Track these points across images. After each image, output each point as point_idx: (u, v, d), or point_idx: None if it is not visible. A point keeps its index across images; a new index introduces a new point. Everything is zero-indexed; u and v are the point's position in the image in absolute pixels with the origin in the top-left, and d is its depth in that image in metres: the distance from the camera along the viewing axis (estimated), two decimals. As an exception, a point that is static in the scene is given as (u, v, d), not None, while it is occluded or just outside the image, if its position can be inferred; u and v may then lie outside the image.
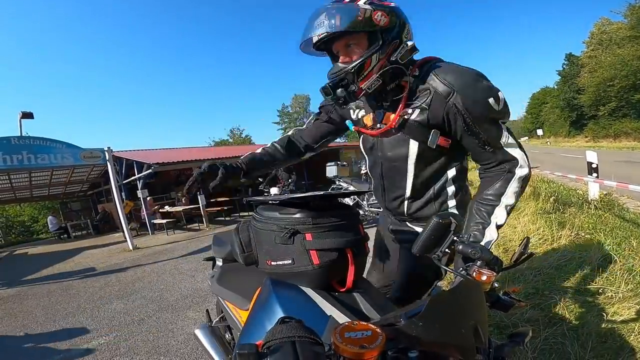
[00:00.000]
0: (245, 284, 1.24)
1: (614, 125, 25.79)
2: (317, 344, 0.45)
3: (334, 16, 0.91)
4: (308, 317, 0.56)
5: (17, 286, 5.56)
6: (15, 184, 12.50)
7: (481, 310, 0.68)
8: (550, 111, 43.51)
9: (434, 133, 1.00)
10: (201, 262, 5.09)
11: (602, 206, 4.14)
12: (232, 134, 43.04)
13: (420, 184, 1.11)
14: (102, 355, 2.54)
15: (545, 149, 26.37)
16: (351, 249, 0.91)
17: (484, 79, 0.95)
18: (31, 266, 7.50)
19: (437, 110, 0.97)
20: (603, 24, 28.61)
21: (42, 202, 21.67)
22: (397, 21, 0.95)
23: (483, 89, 0.93)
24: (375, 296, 0.95)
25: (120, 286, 4.54)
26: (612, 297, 2.12)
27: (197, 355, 2.33)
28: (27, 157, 6.33)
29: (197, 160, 10.09)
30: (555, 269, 2.65)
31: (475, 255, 0.79)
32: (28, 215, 27.45)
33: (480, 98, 0.92)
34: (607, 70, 25.43)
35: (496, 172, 1.02)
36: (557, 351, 1.72)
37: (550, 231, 3.42)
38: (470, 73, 0.95)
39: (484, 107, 0.92)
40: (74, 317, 3.54)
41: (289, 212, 0.91)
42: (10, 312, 4.09)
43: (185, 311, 3.20)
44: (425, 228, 0.84)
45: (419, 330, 0.49)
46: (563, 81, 35.51)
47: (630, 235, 3.01)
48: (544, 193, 4.77)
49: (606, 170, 5.36)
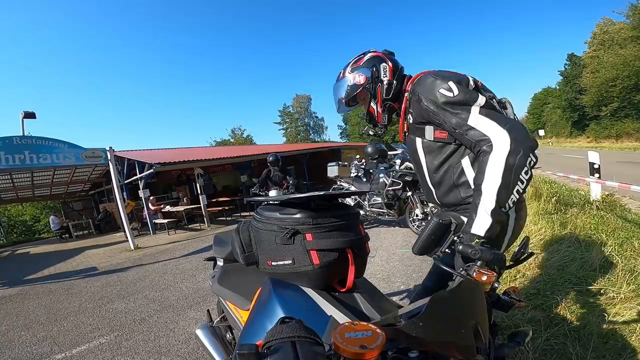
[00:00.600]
0: (246, 284, 1.25)
1: (616, 125, 25.70)
2: (317, 344, 0.45)
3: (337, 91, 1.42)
4: (308, 317, 0.56)
5: (19, 286, 5.58)
6: (17, 184, 12.56)
7: (481, 310, 0.68)
8: (552, 111, 43.39)
9: (427, 128, 1.20)
10: (202, 262, 5.10)
11: (604, 207, 4.12)
12: (233, 134, 43.14)
13: (435, 174, 1.25)
14: (103, 355, 2.55)
15: (547, 149, 26.29)
16: (351, 249, 0.91)
17: (438, 77, 1.13)
18: (33, 266, 7.52)
19: (417, 112, 1.21)
20: (605, 24, 28.48)
21: (43, 201, 21.75)
22: (371, 72, 1.31)
23: (434, 84, 1.12)
24: (376, 296, 0.95)
25: (121, 286, 4.55)
26: (614, 298, 2.11)
27: (198, 355, 2.33)
28: (29, 156, 6.34)
29: (198, 160, 10.09)
30: (557, 269, 2.64)
31: (476, 255, 0.79)
32: (30, 214, 27.58)
33: (432, 92, 1.12)
34: (609, 70, 25.32)
35: (480, 155, 1.06)
36: (558, 351, 1.71)
37: (551, 232, 3.41)
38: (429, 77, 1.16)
39: (436, 98, 1.11)
40: (75, 316, 3.55)
41: (290, 212, 0.91)
42: (11, 311, 4.11)
43: (186, 311, 3.21)
44: (425, 228, 0.85)
45: (419, 330, 0.49)
46: (565, 81, 35.39)
47: (632, 236, 3.00)
48: (545, 193, 4.75)
49: (608, 171, 5.33)
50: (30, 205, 25.78)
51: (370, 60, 1.32)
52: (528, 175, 0.98)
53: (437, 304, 0.55)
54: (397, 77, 1.30)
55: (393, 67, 1.31)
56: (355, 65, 1.35)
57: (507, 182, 0.97)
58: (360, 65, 1.34)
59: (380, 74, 1.30)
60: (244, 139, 42.29)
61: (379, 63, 1.31)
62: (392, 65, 1.31)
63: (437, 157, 1.22)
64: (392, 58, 1.35)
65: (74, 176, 13.20)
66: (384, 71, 1.30)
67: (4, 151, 6.05)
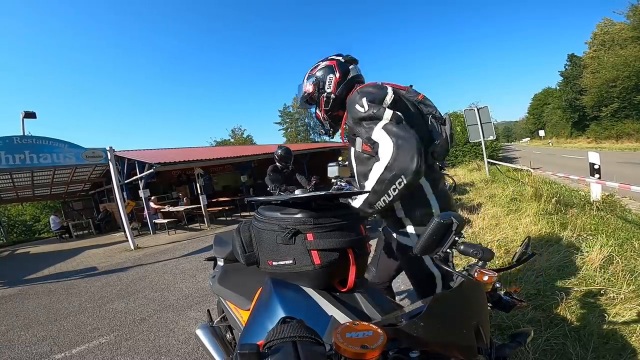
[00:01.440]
0: (247, 284, 1.24)
1: (616, 126, 25.68)
2: (318, 344, 0.45)
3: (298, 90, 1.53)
4: (309, 317, 0.56)
5: (19, 285, 5.58)
6: (18, 183, 12.56)
7: (483, 310, 0.67)
8: (552, 112, 43.38)
9: (357, 140, 1.28)
10: (202, 262, 5.10)
11: (604, 207, 4.12)
12: (234, 134, 43.15)
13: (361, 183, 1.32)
14: (103, 355, 2.55)
15: (547, 150, 26.29)
16: (352, 249, 0.91)
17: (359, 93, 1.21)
18: (33, 265, 7.52)
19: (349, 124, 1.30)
20: (606, 25, 28.45)
21: (44, 201, 21.75)
22: (319, 82, 1.41)
23: (354, 100, 1.21)
24: (377, 296, 0.95)
25: (121, 286, 4.55)
26: (614, 298, 2.11)
27: (197, 355, 2.33)
28: (30, 156, 6.35)
29: (198, 160, 10.09)
30: (557, 269, 2.64)
31: (477, 255, 0.79)
32: (30, 214, 27.58)
33: (352, 108, 1.21)
34: (609, 71, 25.31)
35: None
36: (558, 352, 1.71)
37: (552, 232, 3.41)
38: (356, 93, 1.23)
39: (354, 113, 1.21)
40: (75, 316, 3.55)
41: (290, 212, 0.91)
42: (11, 311, 4.11)
43: (186, 311, 3.21)
44: (426, 228, 0.84)
45: (420, 330, 0.49)
46: (565, 82, 35.40)
47: (632, 237, 3.00)
48: (545, 194, 4.75)
49: (608, 172, 5.33)
50: (30, 205, 25.78)
51: (321, 69, 1.43)
52: (395, 192, 1.08)
53: (439, 304, 0.55)
54: (342, 89, 1.38)
55: (339, 79, 1.38)
56: (311, 73, 1.46)
57: (377, 190, 1.12)
58: (313, 73, 1.45)
59: (326, 85, 1.40)
60: (244, 139, 42.29)
61: (326, 74, 1.40)
62: (339, 77, 1.38)
63: (365, 167, 1.28)
64: (344, 68, 1.40)
65: (74, 176, 13.21)
66: (329, 83, 1.39)
67: (4, 151, 6.06)
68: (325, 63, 1.43)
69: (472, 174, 10.81)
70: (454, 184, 7.94)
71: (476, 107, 9.38)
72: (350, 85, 1.38)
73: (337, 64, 1.40)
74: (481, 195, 6.82)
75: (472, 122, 9.40)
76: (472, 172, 11.48)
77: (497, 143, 17.78)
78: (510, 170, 9.27)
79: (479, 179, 9.20)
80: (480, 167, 11.29)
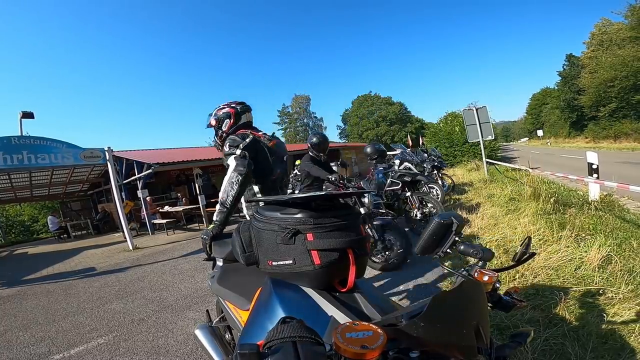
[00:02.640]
0: (246, 284, 1.24)
1: (614, 126, 25.74)
2: (318, 344, 0.45)
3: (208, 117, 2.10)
4: (309, 317, 0.56)
5: (17, 286, 5.56)
6: (16, 184, 12.49)
7: (483, 310, 0.67)
8: (551, 112, 43.49)
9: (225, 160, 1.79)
10: (201, 262, 5.09)
11: (602, 207, 4.12)
12: (233, 134, 43.02)
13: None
14: (101, 355, 2.54)
15: (546, 149, 26.35)
16: (352, 249, 0.91)
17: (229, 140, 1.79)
18: (31, 266, 7.50)
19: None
20: (604, 25, 28.53)
21: (42, 201, 21.64)
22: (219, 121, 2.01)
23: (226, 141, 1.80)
24: (377, 296, 0.95)
25: (120, 286, 4.54)
26: (613, 298, 2.11)
27: (196, 355, 2.32)
28: (28, 156, 6.32)
29: (197, 160, 10.08)
30: (556, 269, 2.64)
31: (477, 255, 0.79)
32: (28, 215, 27.45)
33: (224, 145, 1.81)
34: (607, 71, 25.36)
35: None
36: (557, 352, 1.72)
37: (550, 232, 3.41)
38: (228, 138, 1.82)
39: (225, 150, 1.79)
40: (73, 317, 3.54)
41: (290, 212, 0.91)
42: (9, 311, 4.09)
43: (185, 311, 3.20)
44: (426, 228, 0.84)
45: (420, 330, 0.49)
46: (563, 82, 35.46)
47: (630, 236, 3.01)
48: (544, 194, 4.75)
49: (607, 171, 5.35)
50: (28, 206, 25.65)
51: (223, 113, 2.00)
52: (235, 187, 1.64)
53: (439, 304, 0.55)
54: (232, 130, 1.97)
55: (232, 124, 1.98)
56: (216, 112, 2.04)
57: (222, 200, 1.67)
58: (217, 113, 2.02)
59: (222, 125, 2.00)
60: (243, 139, 42.15)
61: (224, 118, 1.99)
62: (232, 122, 1.98)
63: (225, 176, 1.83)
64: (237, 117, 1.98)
65: (73, 176, 13.16)
66: (225, 124, 2.00)
67: (2, 151, 6.03)
68: (227, 109, 1.99)
69: (471, 174, 10.82)
70: (452, 184, 7.96)
71: (475, 107, 9.38)
72: (239, 128, 1.97)
73: (234, 113, 1.98)
74: (480, 195, 6.82)
75: (471, 122, 9.40)
76: (470, 172, 11.48)
77: (495, 143, 17.77)
78: (509, 170, 9.28)
79: (477, 179, 9.21)
80: (479, 167, 11.29)
